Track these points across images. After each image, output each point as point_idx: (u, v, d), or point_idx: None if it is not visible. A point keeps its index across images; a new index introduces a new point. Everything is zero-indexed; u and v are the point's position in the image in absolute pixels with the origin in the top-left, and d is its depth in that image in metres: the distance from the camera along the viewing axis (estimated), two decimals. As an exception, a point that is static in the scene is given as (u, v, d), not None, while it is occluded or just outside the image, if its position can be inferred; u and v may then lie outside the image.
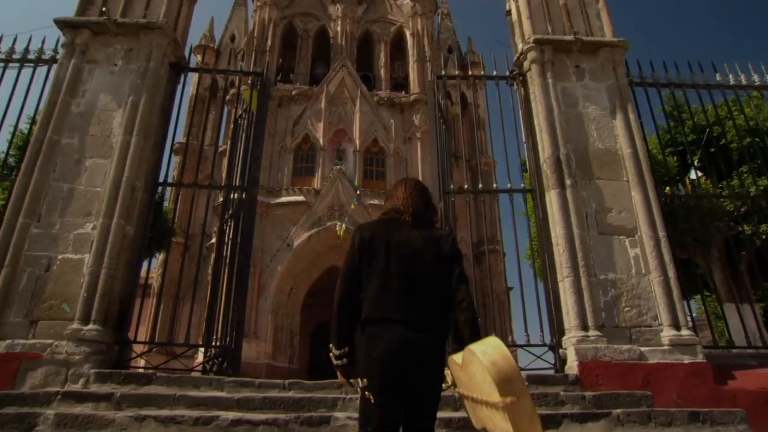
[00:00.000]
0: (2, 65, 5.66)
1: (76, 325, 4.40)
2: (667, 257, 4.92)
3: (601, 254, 4.97)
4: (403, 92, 22.07)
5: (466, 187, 5.93)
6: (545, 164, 5.42)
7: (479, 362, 1.66)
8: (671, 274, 4.86)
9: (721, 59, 6.13)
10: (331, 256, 18.16)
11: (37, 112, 5.57)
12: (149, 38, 5.62)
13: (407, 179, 2.38)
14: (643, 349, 4.56)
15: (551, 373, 4.81)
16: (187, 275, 13.32)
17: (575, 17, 6.27)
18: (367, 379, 1.93)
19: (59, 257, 4.69)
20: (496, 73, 6.29)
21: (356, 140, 19.80)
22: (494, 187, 6.08)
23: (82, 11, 5.76)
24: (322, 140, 19.69)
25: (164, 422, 3.35)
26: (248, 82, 6.23)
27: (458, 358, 1.86)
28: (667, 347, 4.55)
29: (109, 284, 4.64)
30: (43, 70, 5.68)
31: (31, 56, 5.74)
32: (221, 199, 7.21)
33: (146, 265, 6.61)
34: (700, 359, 4.51)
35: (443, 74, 6.43)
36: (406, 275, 2.02)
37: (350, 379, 2.07)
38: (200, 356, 8.77)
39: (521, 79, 6.14)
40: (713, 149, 7.68)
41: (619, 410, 3.68)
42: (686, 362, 4.48)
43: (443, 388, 2.01)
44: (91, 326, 4.42)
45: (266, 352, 16.68)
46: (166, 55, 5.72)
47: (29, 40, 5.82)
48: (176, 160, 18.78)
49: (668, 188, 6.15)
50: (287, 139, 19.87)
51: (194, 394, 3.92)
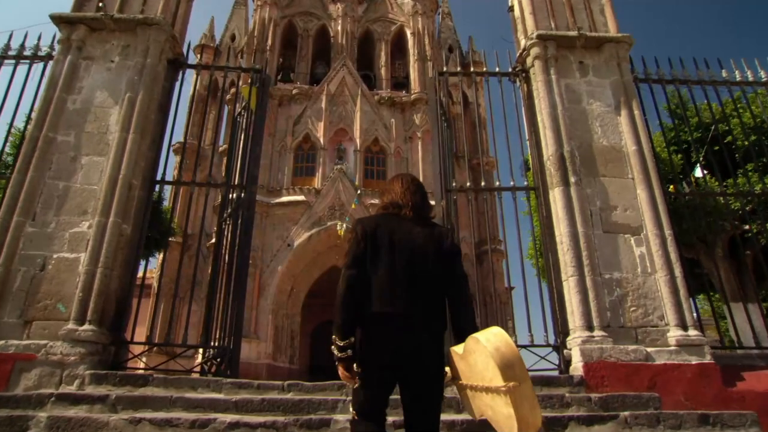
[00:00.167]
0: (-2, 62, 5.59)
1: (71, 325, 4.31)
2: (673, 256, 4.82)
3: (605, 253, 4.87)
4: (403, 91, 21.99)
5: (468, 185, 5.85)
6: (549, 161, 5.33)
7: (483, 349, 1.72)
8: (678, 273, 4.76)
9: (722, 57, 6.02)
10: (331, 255, 18.09)
11: (32, 109, 5.49)
12: (146, 34, 5.53)
13: (403, 174, 2.41)
14: (649, 349, 4.46)
15: (555, 374, 4.71)
16: (186, 275, 13.24)
17: (579, 13, 6.18)
18: (362, 366, 1.96)
19: (54, 256, 4.60)
20: (498, 69, 6.19)
21: (357, 140, 19.74)
22: (497, 185, 5.97)
23: (78, 7, 5.68)
24: (322, 140, 19.62)
25: (159, 425, 3.26)
26: (248, 81, 6.14)
27: (459, 349, 1.93)
28: (674, 348, 4.46)
29: (105, 284, 4.56)
30: (39, 67, 5.60)
31: (27, 53, 5.65)
32: (221, 198, 7.12)
33: (144, 264, 6.51)
34: (707, 360, 4.42)
35: (445, 70, 6.33)
36: (410, 270, 2.05)
37: (353, 373, 1.99)
38: (200, 357, 8.68)
39: (524, 75, 6.04)
40: (717, 147, 7.59)
41: (626, 413, 3.59)
42: (694, 363, 4.38)
43: (444, 384, 2.05)
44: (86, 326, 4.33)
45: (266, 352, 16.60)
46: (163, 51, 5.63)
47: (25, 36, 5.74)
48: (176, 159, 18.72)
49: (671, 186, 6.05)
50: (287, 138, 19.80)
51: (191, 396, 3.83)
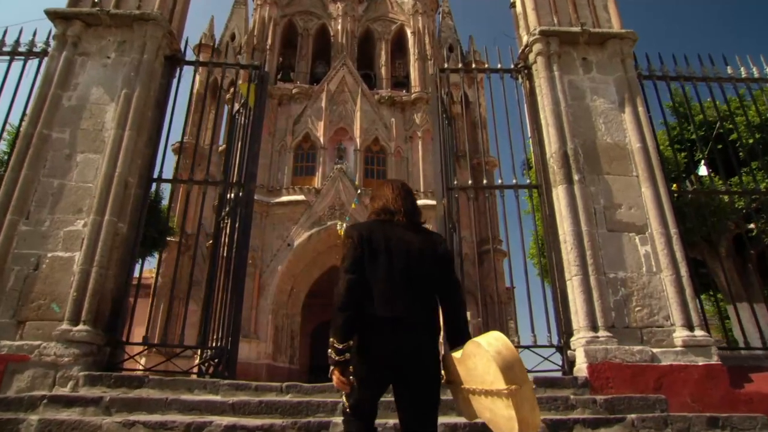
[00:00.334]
0: (-8, 58, 5.50)
1: (65, 325, 4.22)
2: (679, 255, 4.74)
3: (610, 252, 4.78)
4: (404, 91, 21.90)
5: (470, 183, 5.76)
6: (552, 159, 5.24)
7: (485, 353, 1.74)
8: (684, 272, 4.67)
9: (723, 55, 5.87)
10: (331, 255, 17.99)
11: (27, 106, 5.40)
12: (143, 30, 5.44)
13: (392, 180, 2.46)
14: (655, 350, 4.37)
15: (558, 375, 4.63)
16: (184, 274, 13.15)
17: (582, 9, 6.10)
18: (362, 366, 1.97)
19: (48, 255, 4.51)
20: (500, 66, 6.10)
21: (357, 139, 19.64)
22: (499, 183, 5.88)
23: (74, 2, 5.58)
24: (322, 139, 19.53)
25: (154, 428, 3.17)
26: (247, 79, 6.05)
27: (457, 353, 1.96)
28: (680, 348, 4.37)
29: (100, 283, 4.47)
30: (34, 63, 5.51)
31: (22, 49, 5.56)
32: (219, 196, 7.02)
33: (141, 263, 6.42)
34: (714, 361, 4.33)
35: (446, 67, 6.24)
36: (408, 273, 2.07)
37: (348, 379, 1.94)
38: (198, 358, 8.58)
39: (526, 72, 5.96)
40: (720, 145, 7.49)
41: (633, 415, 3.50)
42: (700, 364, 4.30)
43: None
44: (81, 327, 4.24)
45: (266, 352, 16.51)
46: (160, 47, 5.54)
47: (20, 32, 5.65)
48: (174, 158, 18.64)
49: (675, 185, 5.96)
50: (287, 138, 19.71)
51: (187, 397, 3.74)
